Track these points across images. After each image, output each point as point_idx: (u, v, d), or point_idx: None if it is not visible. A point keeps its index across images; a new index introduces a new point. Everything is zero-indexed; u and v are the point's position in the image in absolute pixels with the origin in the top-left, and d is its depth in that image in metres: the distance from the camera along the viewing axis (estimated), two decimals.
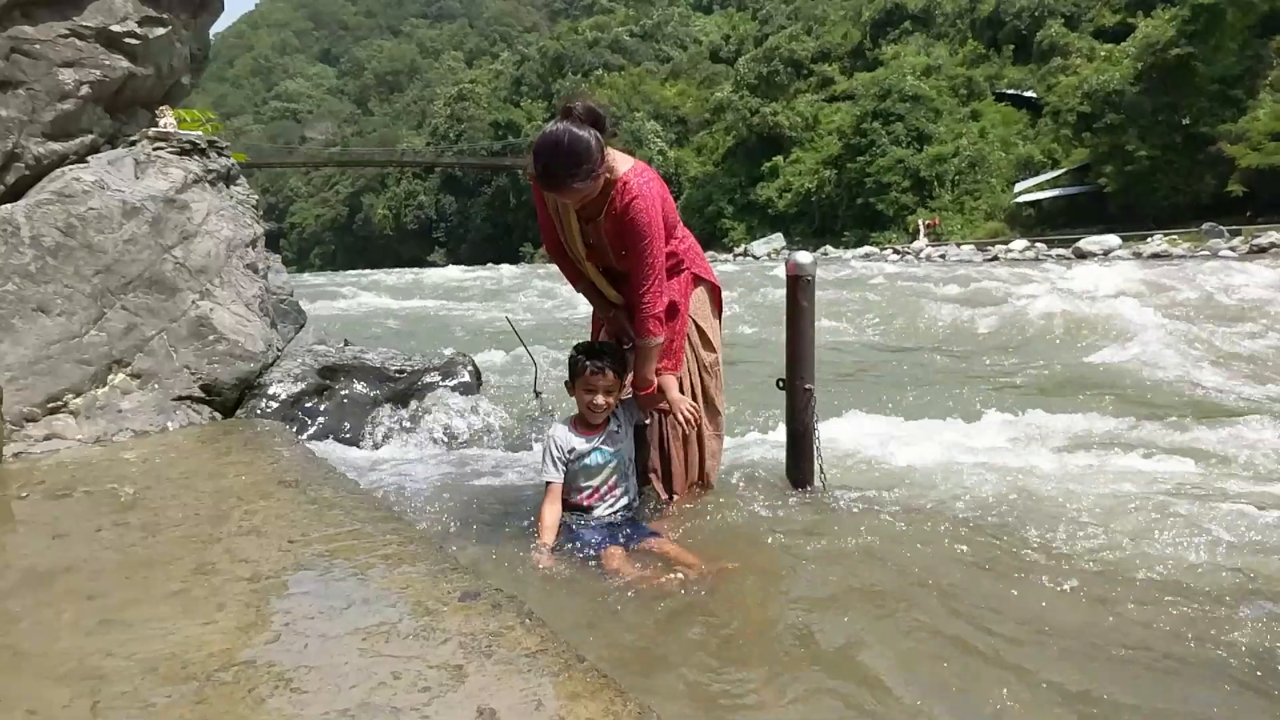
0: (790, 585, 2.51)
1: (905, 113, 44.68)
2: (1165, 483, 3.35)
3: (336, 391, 4.47)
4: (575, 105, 2.63)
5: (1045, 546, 2.71)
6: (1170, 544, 2.67)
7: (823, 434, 3.34)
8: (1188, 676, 1.95)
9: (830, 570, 2.56)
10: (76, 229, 3.89)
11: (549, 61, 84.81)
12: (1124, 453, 3.86)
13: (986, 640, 2.10)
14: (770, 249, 44.97)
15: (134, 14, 4.46)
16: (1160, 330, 7.36)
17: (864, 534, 2.82)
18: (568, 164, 2.55)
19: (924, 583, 2.45)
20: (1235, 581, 2.42)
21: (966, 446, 4.01)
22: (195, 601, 1.92)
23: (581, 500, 2.88)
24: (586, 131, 2.57)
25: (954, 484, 3.39)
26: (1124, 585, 2.42)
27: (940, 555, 2.64)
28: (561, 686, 1.51)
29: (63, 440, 3.56)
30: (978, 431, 4.36)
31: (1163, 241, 26.43)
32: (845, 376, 6.45)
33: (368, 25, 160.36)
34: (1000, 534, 2.82)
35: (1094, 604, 2.31)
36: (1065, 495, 3.19)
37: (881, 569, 2.55)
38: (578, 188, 2.60)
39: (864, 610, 2.28)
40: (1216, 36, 31.89)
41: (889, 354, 7.79)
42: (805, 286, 3.24)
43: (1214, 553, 2.60)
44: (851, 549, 2.70)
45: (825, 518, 3.04)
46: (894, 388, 5.72)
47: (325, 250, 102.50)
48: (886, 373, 6.77)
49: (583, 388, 2.84)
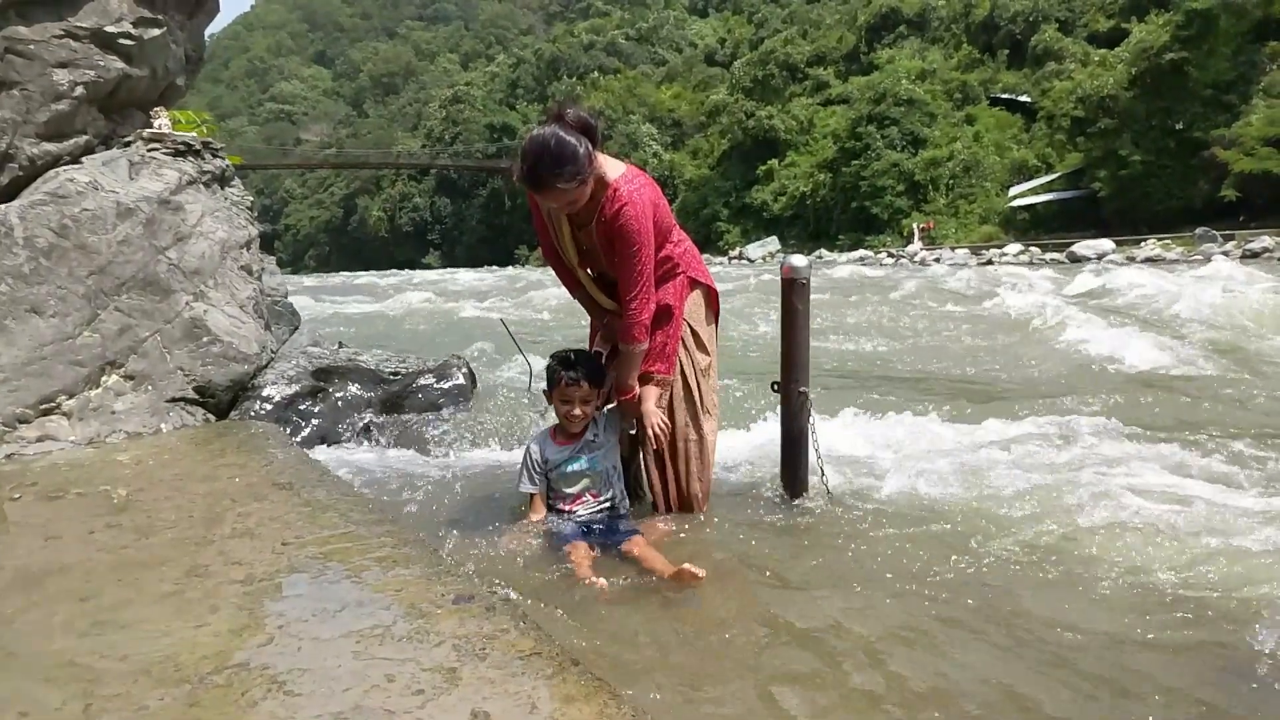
0: (783, 589, 2.51)
1: (900, 117, 44.80)
2: (1175, 485, 3.36)
3: (331, 394, 4.47)
4: (567, 112, 2.63)
5: (1048, 548, 2.72)
6: (1185, 549, 2.68)
7: (821, 438, 3.34)
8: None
9: (823, 573, 2.56)
10: (70, 230, 3.88)
11: (544, 64, 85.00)
12: (1122, 454, 3.87)
13: (980, 644, 2.11)
14: (765, 252, 45.02)
15: (129, 15, 4.45)
16: (1158, 333, 7.38)
17: (859, 537, 2.82)
18: (553, 165, 2.55)
19: (917, 585, 2.46)
20: (1238, 579, 2.43)
21: (967, 448, 4.01)
22: (188, 604, 1.91)
23: (564, 507, 2.93)
24: (574, 137, 2.57)
25: (951, 486, 3.39)
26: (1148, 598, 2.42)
27: (935, 558, 2.65)
28: (555, 689, 1.51)
29: (56, 442, 3.55)
30: (977, 432, 4.36)
31: (1156, 246, 26.53)
32: (843, 378, 6.46)
33: (363, 27, 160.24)
34: (997, 536, 2.83)
35: (1093, 606, 2.31)
36: (1064, 497, 3.20)
37: (874, 571, 2.56)
38: (562, 188, 2.60)
39: (858, 612, 2.28)
40: (1210, 42, 32.05)
41: (882, 357, 7.80)
42: (800, 290, 3.24)
43: (1222, 561, 2.61)
44: (844, 552, 2.71)
45: (819, 521, 3.04)
46: (887, 390, 5.73)
47: (320, 252, 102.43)
48: (880, 375, 6.77)
49: (559, 398, 2.89)
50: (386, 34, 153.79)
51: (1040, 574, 2.53)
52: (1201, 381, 5.79)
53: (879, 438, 4.30)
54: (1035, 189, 39.71)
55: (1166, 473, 3.57)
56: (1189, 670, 1.99)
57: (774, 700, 1.85)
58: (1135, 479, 3.45)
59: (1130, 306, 9.55)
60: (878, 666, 1.99)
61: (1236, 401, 5.16)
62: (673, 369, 2.98)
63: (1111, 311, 9.28)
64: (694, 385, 3.06)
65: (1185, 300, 9.54)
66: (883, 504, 3.22)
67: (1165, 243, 27.07)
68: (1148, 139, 33.10)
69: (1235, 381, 5.71)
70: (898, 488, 3.43)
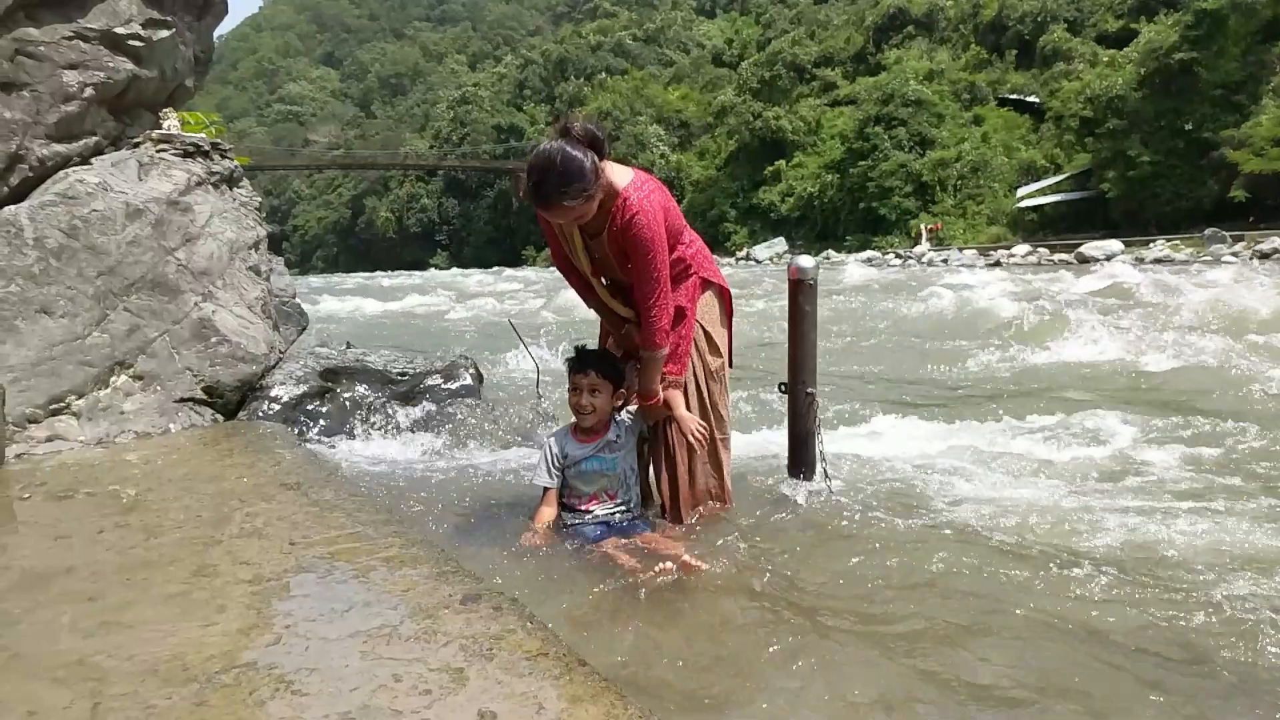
0: (791, 589, 2.51)
1: (908, 117, 44.74)
2: (1184, 487, 3.35)
3: (339, 394, 4.47)
4: (574, 125, 2.61)
5: (1053, 550, 2.71)
6: (1192, 549, 2.67)
7: (825, 437, 3.34)
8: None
9: (831, 572, 2.56)
10: (80, 230, 3.90)
11: (552, 65, 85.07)
12: (1133, 455, 3.86)
13: (997, 642, 2.10)
14: (772, 253, 44.99)
15: (138, 16, 4.47)
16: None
17: (868, 537, 2.81)
18: (559, 182, 2.53)
19: (928, 582, 2.45)
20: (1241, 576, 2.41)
21: (970, 449, 4.00)
22: (196, 603, 1.92)
23: (579, 506, 2.91)
24: (582, 152, 2.54)
25: (955, 487, 3.38)
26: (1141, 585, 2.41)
27: (938, 556, 2.64)
28: (563, 690, 1.51)
29: (65, 441, 3.56)
30: (976, 435, 4.36)
31: (1165, 247, 26.43)
32: (848, 379, 6.44)
33: (371, 28, 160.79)
34: (1005, 536, 2.82)
35: (1088, 600, 2.30)
36: (1069, 497, 3.19)
37: (884, 571, 2.55)
38: (568, 206, 2.58)
39: (869, 612, 2.27)
40: (1219, 42, 31.95)
41: (887, 358, 7.78)
42: (807, 290, 3.24)
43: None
44: (852, 551, 2.70)
45: (825, 520, 3.03)
46: (895, 391, 5.73)
47: (328, 253, 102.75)
48: (887, 377, 6.76)
49: (571, 388, 2.90)
50: (394, 35, 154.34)
51: (1050, 573, 2.52)
52: (1203, 383, 5.76)
53: (887, 438, 4.30)
54: (1043, 190, 39.62)
55: (1172, 473, 3.56)
56: (1203, 667, 1.98)
57: (783, 700, 1.84)
58: (1147, 479, 3.44)
59: (1137, 307, 9.50)
60: (891, 668, 1.98)
61: (1239, 402, 5.13)
62: (685, 370, 2.97)
63: (1119, 312, 9.24)
64: (703, 387, 3.05)
65: (1190, 301, 9.50)
66: (890, 503, 3.20)
67: (1174, 244, 26.96)
68: (1157, 139, 33.00)
69: (1237, 382, 5.68)
70: (904, 488, 3.42)
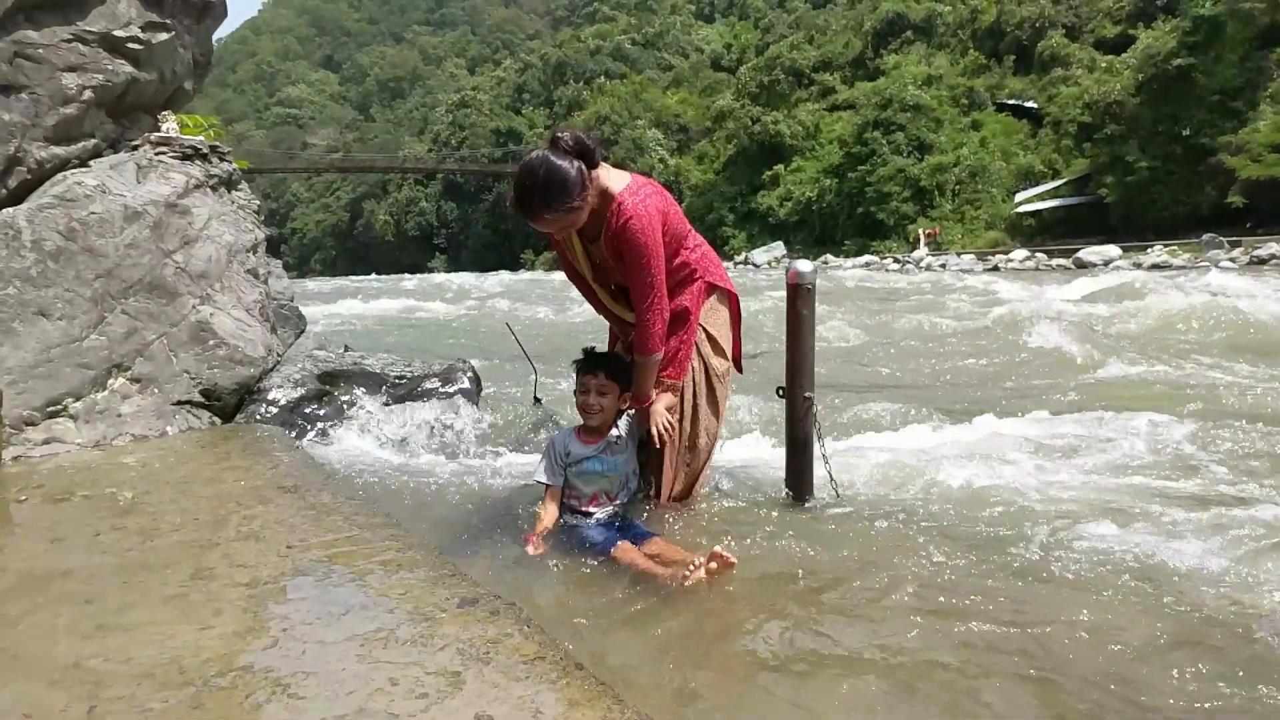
0: (790, 594, 2.50)
1: (906, 122, 44.81)
2: (1186, 488, 3.35)
3: (336, 397, 4.47)
4: (563, 136, 2.61)
5: (1053, 553, 2.71)
6: (1201, 550, 2.67)
7: (829, 442, 3.33)
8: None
9: (830, 577, 2.55)
10: (78, 233, 3.89)
11: (551, 69, 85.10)
12: (1137, 456, 3.86)
13: (989, 648, 2.09)
14: (771, 257, 44.98)
15: (137, 19, 4.47)
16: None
17: (867, 542, 2.81)
18: (543, 195, 2.54)
19: (931, 587, 2.44)
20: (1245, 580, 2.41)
21: (972, 450, 4.00)
22: (193, 607, 1.92)
23: (579, 506, 2.92)
24: (568, 163, 2.54)
25: (962, 490, 3.38)
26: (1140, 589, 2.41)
27: (938, 561, 2.64)
28: (560, 693, 1.51)
29: (62, 444, 3.56)
30: (977, 436, 4.35)
31: (1162, 252, 26.45)
32: (847, 384, 6.45)
33: (370, 32, 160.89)
34: (1005, 542, 2.82)
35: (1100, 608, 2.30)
36: (1071, 502, 3.19)
37: (883, 575, 2.55)
38: (549, 219, 2.59)
39: (869, 617, 2.27)
40: (1217, 48, 32.03)
41: (888, 362, 7.79)
42: (805, 295, 3.24)
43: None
44: (852, 556, 2.70)
45: (826, 522, 3.03)
46: (895, 395, 5.72)
47: (326, 256, 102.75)
48: (887, 381, 6.77)
49: (579, 389, 2.92)
50: (393, 39, 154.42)
51: (1051, 575, 2.52)
52: (1203, 385, 5.77)
53: (884, 442, 4.30)
54: (1041, 195, 39.67)
55: (1178, 472, 3.57)
56: (1212, 671, 1.98)
57: (783, 705, 1.84)
58: (1153, 481, 3.45)
59: (1132, 312, 9.51)
60: (892, 672, 1.98)
61: (1242, 401, 5.13)
62: (683, 375, 2.98)
63: (1115, 316, 9.26)
64: (710, 388, 3.07)
65: (1185, 305, 9.52)
66: (890, 507, 3.20)
67: (1172, 249, 26.98)
68: (1154, 145, 33.05)
69: (1238, 384, 5.69)
70: (905, 491, 3.42)
